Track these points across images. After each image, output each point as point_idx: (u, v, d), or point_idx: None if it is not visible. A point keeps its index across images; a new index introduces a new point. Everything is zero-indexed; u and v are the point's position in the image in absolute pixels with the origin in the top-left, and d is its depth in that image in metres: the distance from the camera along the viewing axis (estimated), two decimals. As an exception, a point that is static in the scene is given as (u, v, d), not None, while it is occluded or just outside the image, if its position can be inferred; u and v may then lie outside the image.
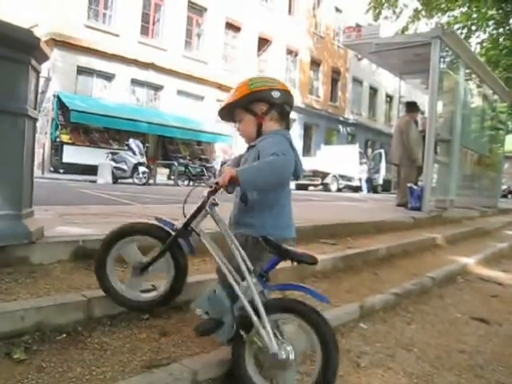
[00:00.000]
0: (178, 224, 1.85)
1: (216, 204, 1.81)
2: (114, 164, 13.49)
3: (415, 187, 6.65)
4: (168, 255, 1.87)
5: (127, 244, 1.92)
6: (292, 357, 1.58)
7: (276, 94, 1.81)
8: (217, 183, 1.67)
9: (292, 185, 21.06)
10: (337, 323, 2.39)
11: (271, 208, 1.81)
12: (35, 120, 2.33)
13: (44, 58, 2.35)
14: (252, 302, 1.64)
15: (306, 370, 1.78)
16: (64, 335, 1.76)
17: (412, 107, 7.48)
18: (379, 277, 3.44)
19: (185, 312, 2.12)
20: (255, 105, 1.83)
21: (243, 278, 1.69)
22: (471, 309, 3.18)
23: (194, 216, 1.80)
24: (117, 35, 17.34)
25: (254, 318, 1.61)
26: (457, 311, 3.08)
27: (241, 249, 1.73)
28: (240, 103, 1.84)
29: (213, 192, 1.73)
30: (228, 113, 1.94)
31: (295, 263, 1.65)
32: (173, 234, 1.85)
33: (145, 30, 18.63)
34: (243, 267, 1.69)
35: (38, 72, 2.33)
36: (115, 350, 1.74)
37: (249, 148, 1.92)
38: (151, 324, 1.98)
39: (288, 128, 1.94)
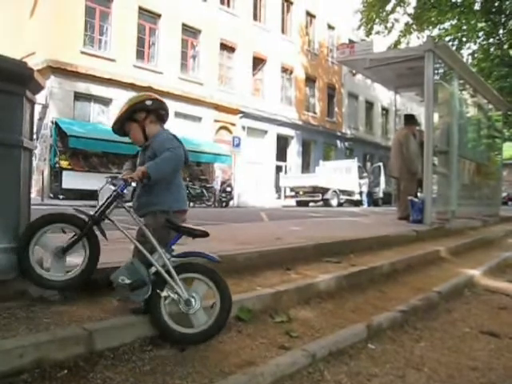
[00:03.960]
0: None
1: (123, 196, 2.31)
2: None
3: (416, 200, 6.62)
4: (84, 240, 2.18)
5: (48, 231, 2.17)
6: (199, 302, 2.14)
7: (149, 102, 2.41)
8: (130, 178, 2.30)
9: (292, 201, 21.14)
10: (344, 345, 2.34)
11: (169, 188, 2.34)
12: (31, 151, 2.32)
13: (38, 88, 2.35)
14: (164, 267, 2.14)
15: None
16: (65, 371, 1.71)
17: (410, 120, 7.50)
18: (385, 294, 3.39)
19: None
20: (136, 114, 2.40)
21: (153, 252, 2.17)
22: (480, 322, 3.11)
23: (107, 206, 2.24)
24: (113, 60, 17.53)
25: (168, 278, 2.12)
26: (466, 326, 3.02)
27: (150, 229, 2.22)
28: (126, 116, 2.40)
29: (125, 185, 2.31)
30: (120, 128, 2.46)
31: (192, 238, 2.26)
32: (88, 221, 2.19)
33: (140, 54, 18.83)
34: (154, 241, 2.17)
35: (33, 102, 2.33)
36: (118, 384, 1.69)
37: (142, 150, 2.47)
38: (155, 355, 1.93)
39: (164, 121, 2.52)
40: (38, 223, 2.15)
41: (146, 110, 2.41)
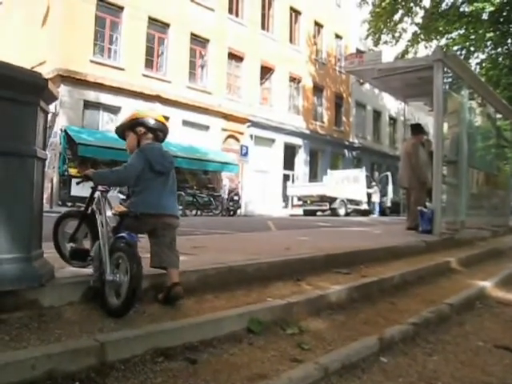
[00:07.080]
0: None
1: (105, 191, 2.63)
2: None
3: (425, 210, 6.57)
4: (84, 226, 2.71)
5: (66, 223, 2.83)
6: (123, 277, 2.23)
7: (151, 121, 2.66)
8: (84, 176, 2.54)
9: (300, 210, 21.11)
10: (356, 358, 2.30)
11: (141, 193, 2.56)
12: (44, 160, 2.32)
13: (52, 98, 2.37)
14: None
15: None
16: (77, 383, 1.70)
17: (417, 129, 7.47)
18: (396, 306, 3.35)
19: (201, 353, 2.06)
20: (137, 127, 2.66)
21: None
22: (493, 336, 3.06)
23: (89, 200, 2.67)
24: (122, 69, 17.66)
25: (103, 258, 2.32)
26: (478, 339, 2.97)
27: (104, 222, 2.47)
28: (128, 125, 2.70)
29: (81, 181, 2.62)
30: (122, 132, 2.77)
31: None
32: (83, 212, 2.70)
33: (149, 63, 18.97)
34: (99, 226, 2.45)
35: (46, 112, 2.34)
36: (130, 397, 1.67)
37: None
38: (166, 367, 1.92)
39: (159, 141, 2.78)
40: (59, 218, 2.79)
41: (147, 128, 2.66)
